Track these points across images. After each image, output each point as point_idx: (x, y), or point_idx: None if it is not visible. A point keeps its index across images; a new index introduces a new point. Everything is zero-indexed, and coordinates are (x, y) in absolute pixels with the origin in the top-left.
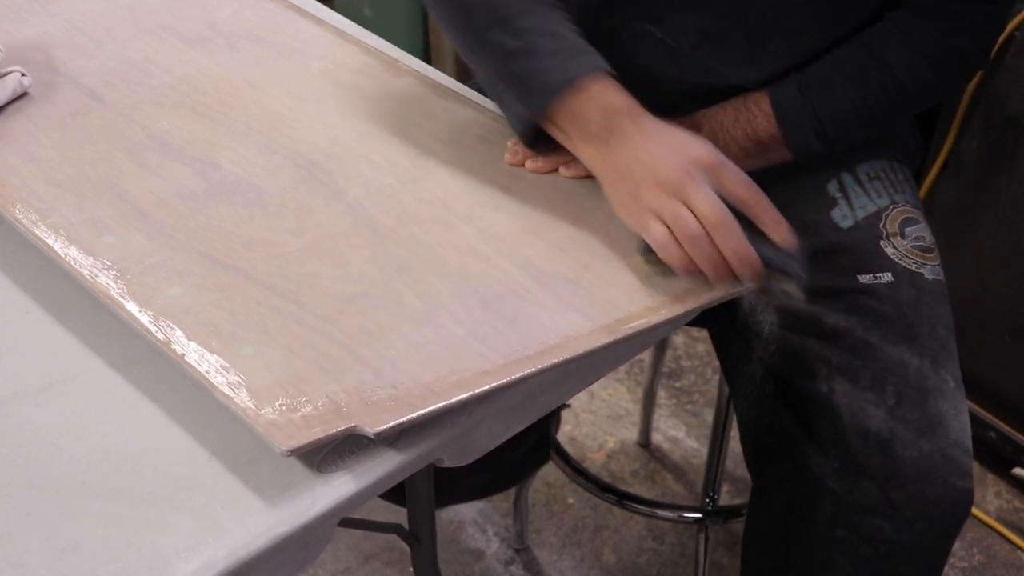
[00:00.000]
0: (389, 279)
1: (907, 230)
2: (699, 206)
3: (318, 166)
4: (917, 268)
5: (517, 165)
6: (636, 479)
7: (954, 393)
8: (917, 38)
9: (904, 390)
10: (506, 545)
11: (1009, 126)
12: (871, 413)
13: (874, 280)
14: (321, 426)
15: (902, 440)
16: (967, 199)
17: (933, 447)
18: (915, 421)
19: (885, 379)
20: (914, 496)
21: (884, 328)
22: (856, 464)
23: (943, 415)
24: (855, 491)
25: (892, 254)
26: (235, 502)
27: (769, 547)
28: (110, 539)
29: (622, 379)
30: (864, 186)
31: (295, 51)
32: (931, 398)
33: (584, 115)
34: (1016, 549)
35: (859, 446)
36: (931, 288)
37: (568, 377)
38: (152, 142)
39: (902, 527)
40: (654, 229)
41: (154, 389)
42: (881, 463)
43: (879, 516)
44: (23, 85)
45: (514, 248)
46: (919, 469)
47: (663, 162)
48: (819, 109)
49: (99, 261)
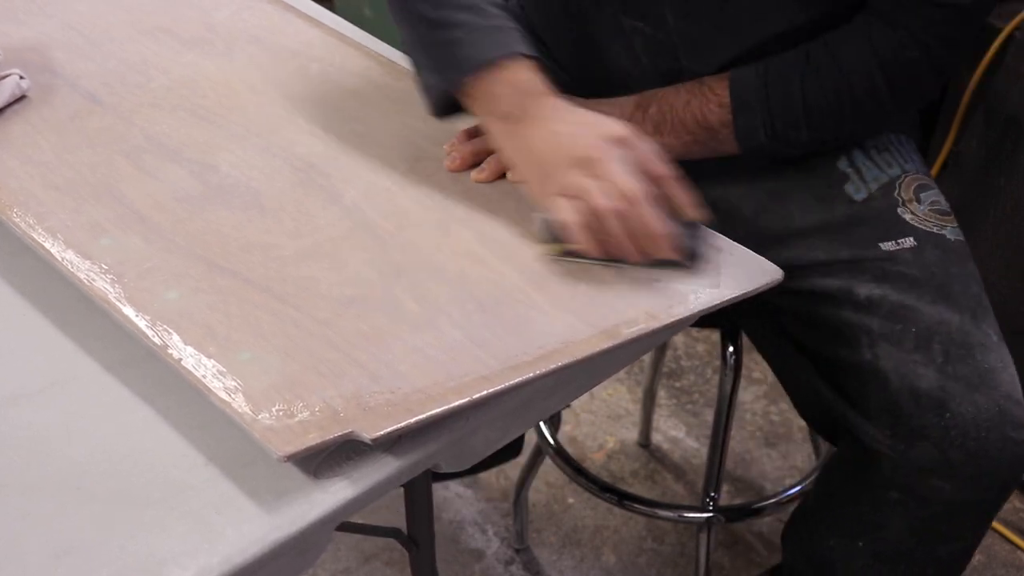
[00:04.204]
0: (387, 283)
1: (922, 195)
2: (613, 180)
3: (316, 169)
4: (938, 231)
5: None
6: (636, 479)
7: (998, 346)
8: (877, 44)
9: (950, 347)
10: (506, 545)
11: (1009, 126)
12: (921, 373)
13: (897, 246)
14: (318, 432)
15: (955, 397)
16: (967, 199)
17: (987, 401)
18: (966, 377)
19: (930, 338)
20: (974, 453)
21: (918, 290)
22: (911, 427)
23: (992, 368)
24: (912, 454)
25: (911, 219)
26: (231, 507)
27: (816, 512)
28: (106, 543)
29: (622, 379)
30: (874, 159)
31: (294, 53)
32: (977, 352)
33: (497, 95)
34: (1016, 549)
35: (912, 408)
36: (955, 248)
37: (567, 382)
38: (150, 145)
39: (962, 485)
40: (563, 208)
41: (151, 392)
42: (937, 422)
43: (938, 476)
44: (21, 88)
45: (513, 252)
46: (976, 425)
47: (574, 140)
48: (773, 103)
49: (96, 264)
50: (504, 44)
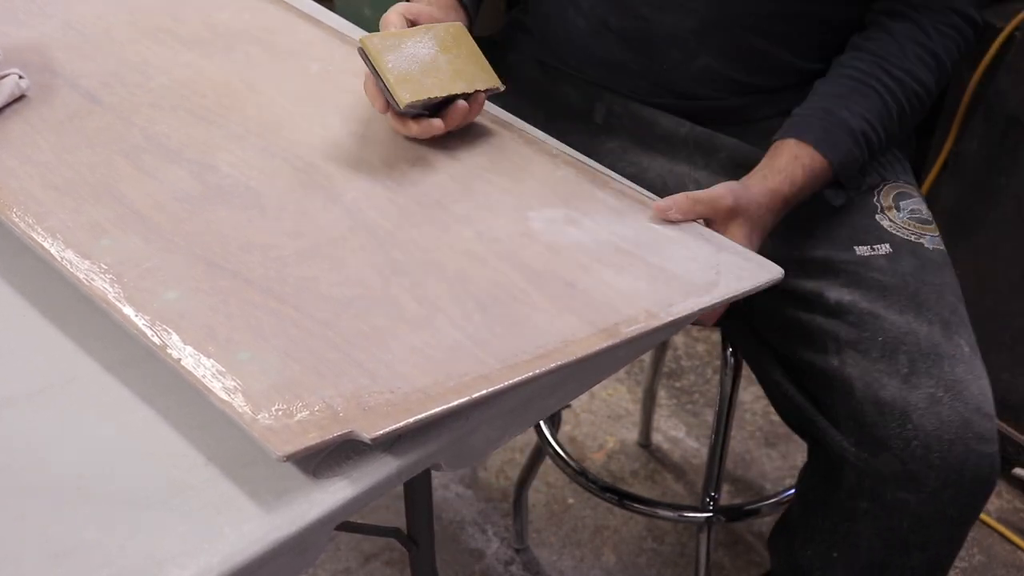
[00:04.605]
0: (387, 282)
1: (902, 203)
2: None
3: (316, 169)
4: (916, 239)
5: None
6: (636, 479)
7: (970, 358)
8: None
9: (917, 357)
10: (506, 545)
11: (1010, 126)
12: (885, 383)
13: (871, 252)
14: (317, 431)
15: (918, 409)
16: (967, 199)
17: (952, 413)
18: (930, 388)
19: (896, 348)
20: (936, 466)
21: (888, 298)
22: (874, 437)
23: (960, 380)
24: (875, 464)
25: (889, 226)
26: (231, 507)
27: (795, 521)
28: (105, 543)
29: (622, 379)
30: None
31: (294, 53)
32: (946, 364)
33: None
34: (1016, 549)
35: (876, 418)
36: (933, 257)
37: (567, 381)
38: (150, 145)
39: (926, 498)
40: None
41: (150, 393)
42: (899, 433)
43: (902, 488)
44: (20, 87)
45: (512, 251)
46: (938, 437)
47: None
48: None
49: (96, 264)
50: None
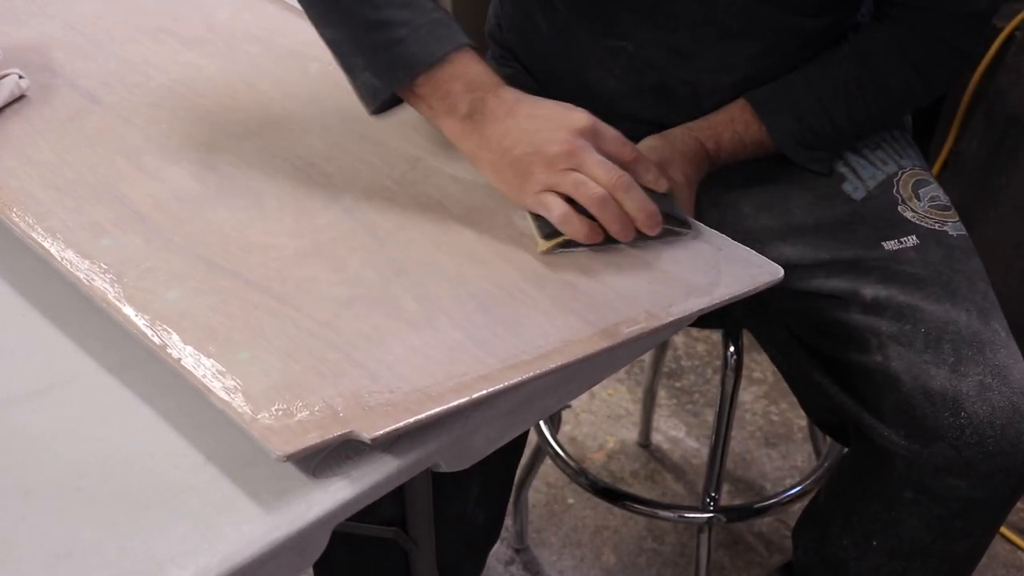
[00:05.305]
0: (387, 283)
1: (921, 191)
2: (595, 172)
3: (316, 169)
4: (939, 227)
5: None
6: (636, 479)
7: (1007, 343)
8: (909, 52)
9: (961, 346)
10: (506, 545)
11: (1009, 126)
12: (933, 374)
13: (899, 245)
14: (317, 431)
15: (969, 396)
16: (967, 199)
17: (1001, 399)
18: (979, 375)
19: (940, 338)
20: (990, 451)
21: (924, 289)
22: (925, 427)
23: (1004, 365)
24: (927, 454)
25: (912, 217)
26: (231, 507)
27: (828, 513)
28: (105, 544)
29: (622, 379)
30: (868, 157)
31: (294, 53)
32: (988, 350)
33: (452, 92)
34: (1016, 549)
35: (927, 409)
36: (958, 244)
37: (567, 381)
38: (150, 145)
39: (978, 482)
40: (553, 204)
41: (150, 393)
42: (952, 423)
43: (954, 475)
44: (21, 87)
45: (513, 252)
46: (991, 423)
47: (544, 138)
48: (819, 138)
49: (96, 264)
50: (450, 38)
